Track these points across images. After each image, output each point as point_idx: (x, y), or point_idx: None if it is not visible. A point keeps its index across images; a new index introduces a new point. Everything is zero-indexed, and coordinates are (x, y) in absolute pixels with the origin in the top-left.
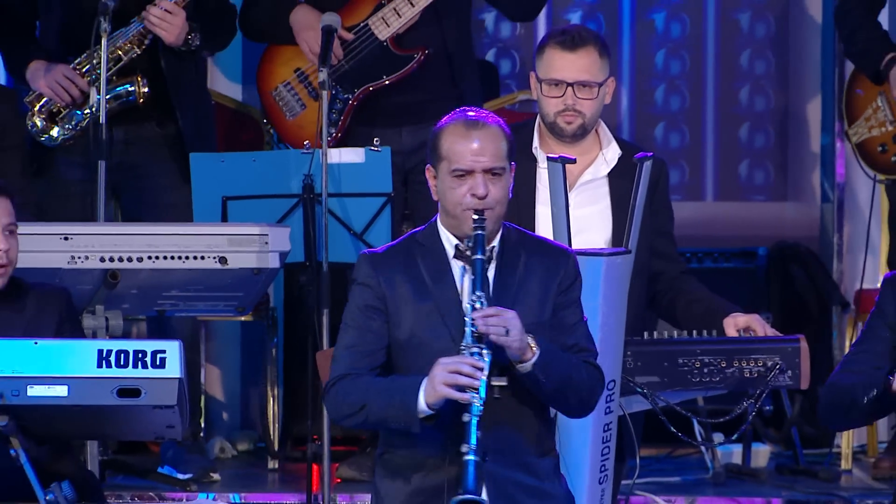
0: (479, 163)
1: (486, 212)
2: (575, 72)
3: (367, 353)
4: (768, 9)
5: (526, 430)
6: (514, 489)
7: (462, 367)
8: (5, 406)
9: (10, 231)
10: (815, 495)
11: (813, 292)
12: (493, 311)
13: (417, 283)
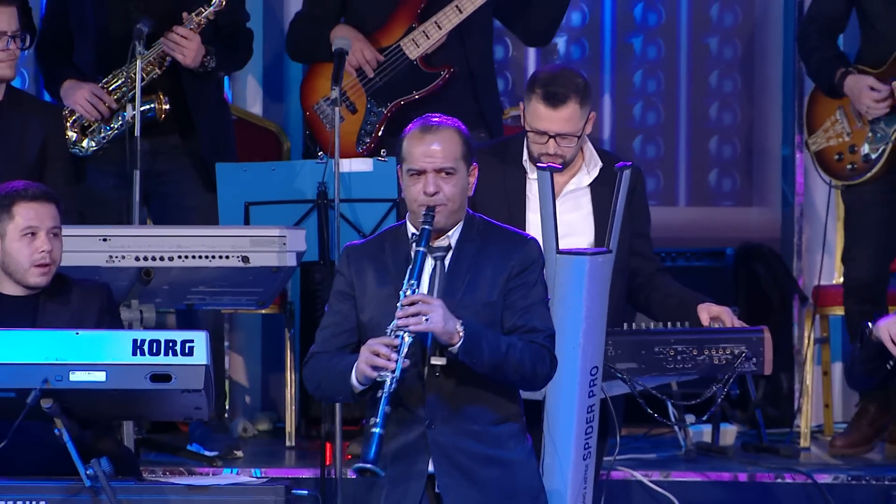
0: (430, 163)
1: (437, 208)
2: (557, 125)
3: (338, 333)
4: (735, 34)
5: (478, 400)
6: (461, 457)
7: (379, 348)
8: (50, 390)
9: (55, 234)
10: (776, 470)
11: (775, 288)
12: (418, 298)
13: (382, 272)
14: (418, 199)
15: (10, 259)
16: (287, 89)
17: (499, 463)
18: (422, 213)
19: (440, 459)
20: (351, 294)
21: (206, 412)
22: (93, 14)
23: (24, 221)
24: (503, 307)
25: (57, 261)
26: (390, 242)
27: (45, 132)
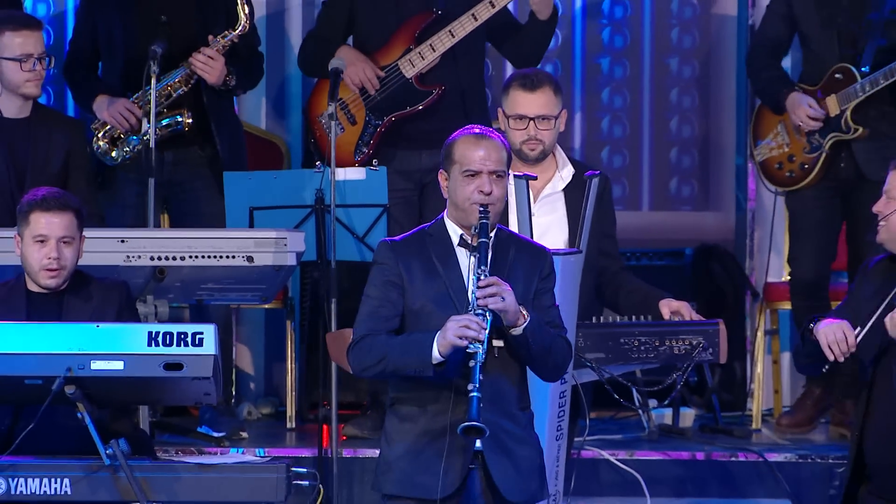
0: (485, 165)
1: (489, 206)
2: (535, 108)
3: (385, 318)
4: (693, 55)
5: (512, 387)
6: (501, 433)
7: (470, 322)
8: (73, 377)
9: (65, 242)
10: (730, 449)
11: (729, 285)
12: (493, 280)
13: (428, 265)
14: (472, 198)
15: (25, 261)
16: (288, 106)
17: (527, 443)
18: (477, 209)
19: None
20: (399, 283)
21: (214, 397)
22: (122, 36)
23: (36, 229)
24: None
25: (67, 266)
26: (432, 239)
27: (68, 145)
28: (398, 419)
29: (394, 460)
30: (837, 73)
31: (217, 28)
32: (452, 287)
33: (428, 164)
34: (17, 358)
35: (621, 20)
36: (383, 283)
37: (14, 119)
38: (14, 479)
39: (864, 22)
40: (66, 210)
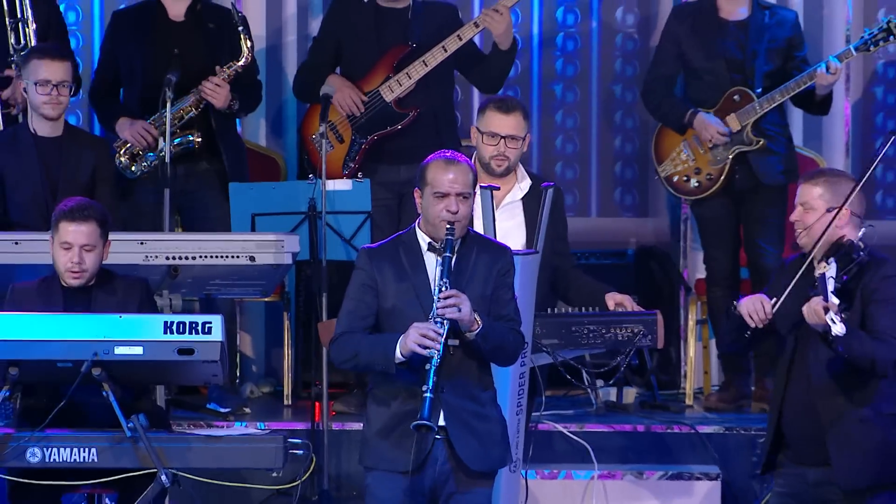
0: (454, 188)
1: (455, 223)
2: (507, 128)
3: (362, 317)
4: (634, 82)
5: (472, 372)
6: (464, 413)
7: (428, 331)
8: (99, 361)
9: (87, 250)
10: (666, 422)
11: (665, 280)
12: (452, 292)
13: (400, 269)
14: (441, 216)
15: (55, 262)
16: (284, 127)
17: (487, 419)
18: (444, 227)
19: (449, 415)
20: (374, 287)
21: (221, 378)
22: (140, 66)
23: (63, 237)
24: (490, 300)
25: (88, 269)
26: (404, 247)
27: (95, 160)
28: (375, 403)
29: (371, 438)
30: (735, 95)
31: (223, 59)
32: (419, 289)
33: (406, 177)
34: (50, 344)
35: (572, 52)
36: (360, 286)
37: (47, 137)
38: (48, 449)
39: (749, 52)
40: (89, 220)
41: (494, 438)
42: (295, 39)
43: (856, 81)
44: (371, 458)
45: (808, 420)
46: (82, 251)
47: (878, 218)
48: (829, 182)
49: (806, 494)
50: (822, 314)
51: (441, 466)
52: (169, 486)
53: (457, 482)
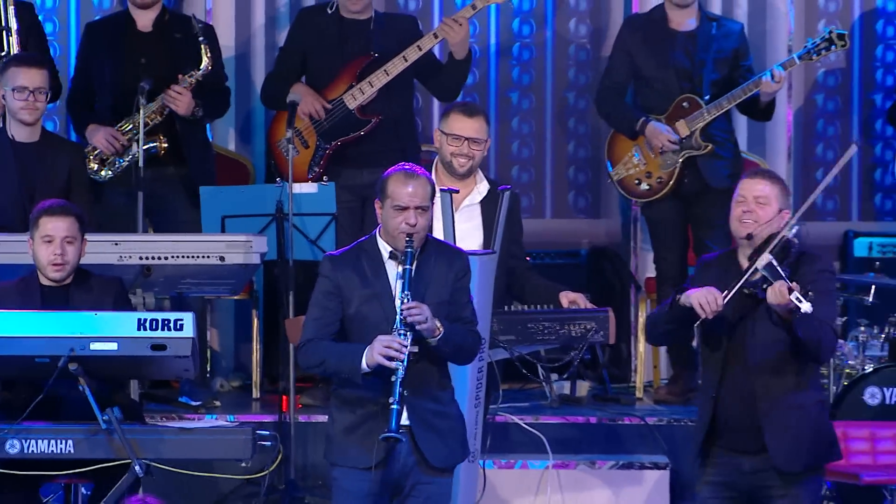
0: (412, 201)
1: (413, 235)
2: (470, 131)
3: (326, 324)
4: (587, 90)
5: (433, 374)
6: (426, 413)
7: (393, 344)
8: (76, 356)
9: (69, 242)
10: (618, 414)
11: (617, 279)
12: (415, 304)
13: (362, 276)
14: (400, 228)
15: (36, 258)
16: (253, 132)
17: (447, 417)
18: (404, 238)
19: (413, 415)
20: (338, 294)
21: (192, 373)
22: (110, 75)
23: (44, 231)
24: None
25: (71, 261)
26: (365, 255)
27: (71, 165)
28: (339, 403)
29: (335, 436)
30: (684, 102)
31: (187, 68)
32: (381, 296)
33: (368, 180)
34: (28, 340)
35: (528, 61)
36: (324, 293)
37: (25, 143)
38: (27, 441)
39: (697, 61)
40: (69, 215)
41: (455, 435)
42: (263, 49)
43: (797, 89)
44: (336, 456)
45: (747, 408)
46: (64, 243)
47: (819, 219)
48: (781, 184)
49: (740, 483)
50: (786, 294)
51: (405, 459)
52: (142, 476)
53: (420, 474)
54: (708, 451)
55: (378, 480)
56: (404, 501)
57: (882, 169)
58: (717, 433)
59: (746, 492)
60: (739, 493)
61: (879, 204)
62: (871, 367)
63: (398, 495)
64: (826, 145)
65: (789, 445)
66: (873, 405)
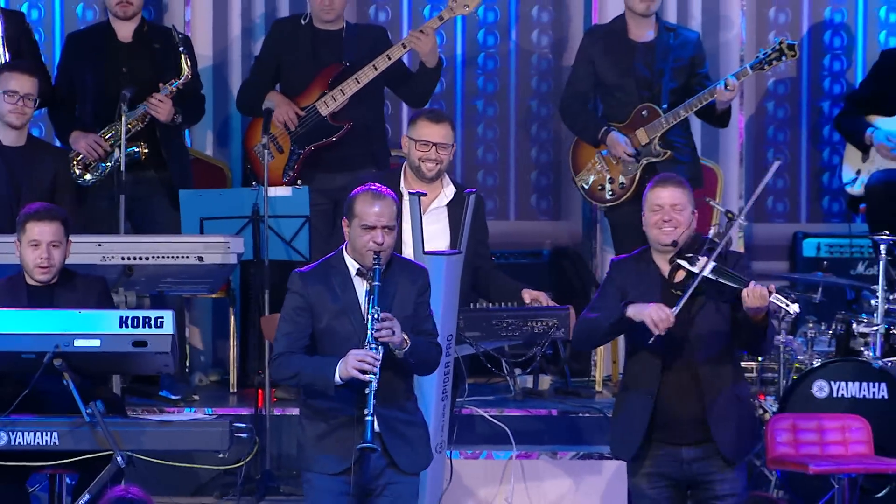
0: (379, 221)
1: (381, 253)
2: (437, 136)
3: (298, 338)
4: (549, 98)
5: (399, 385)
6: (395, 423)
7: (366, 358)
8: (60, 352)
9: (54, 246)
10: (578, 407)
11: (577, 278)
12: (386, 317)
13: (331, 291)
14: (368, 246)
15: (22, 260)
16: (230, 137)
17: (415, 424)
18: (371, 256)
19: (383, 425)
20: (308, 309)
21: (172, 368)
22: (92, 83)
23: (31, 235)
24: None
25: (56, 264)
26: (333, 271)
27: (56, 168)
28: (311, 412)
29: (307, 444)
30: (644, 111)
31: (166, 77)
32: (350, 310)
33: (340, 184)
34: (15, 337)
35: (492, 70)
36: (294, 309)
37: (12, 147)
38: (13, 433)
39: (656, 71)
40: (55, 220)
41: (422, 441)
42: (239, 58)
43: (749, 97)
44: (309, 463)
45: (690, 402)
46: (50, 247)
47: (768, 221)
48: (688, 187)
49: (678, 472)
50: (767, 297)
51: (375, 463)
52: (124, 466)
53: (390, 475)
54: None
55: (350, 483)
56: (375, 501)
57: (830, 173)
58: (655, 428)
59: (684, 480)
60: (677, 481)
61: (827, 206)
62: (819, 361)
63: (369, 496)
64: (776, 150)
65: (733, 435)
66: (821, 398)
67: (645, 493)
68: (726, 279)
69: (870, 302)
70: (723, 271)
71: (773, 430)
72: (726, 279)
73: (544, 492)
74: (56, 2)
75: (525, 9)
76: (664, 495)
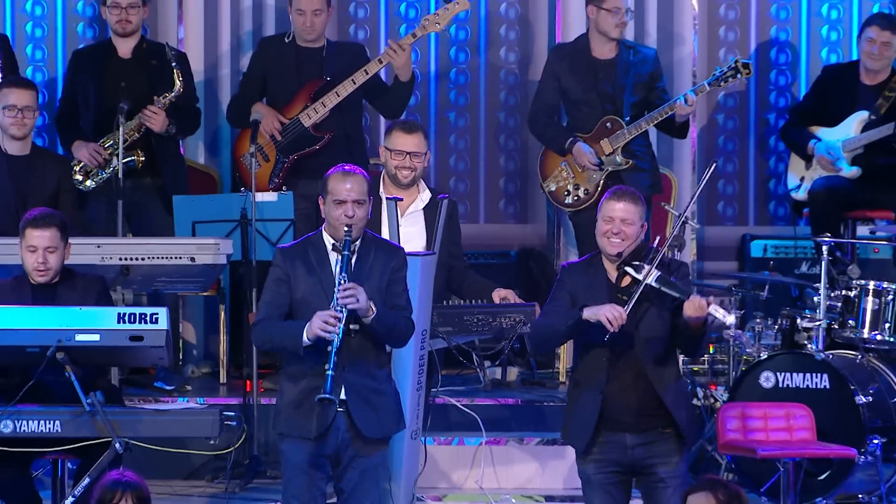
0: (350, 196)
1: (352, 226)
2: (411, 146)
3: (277, 306)
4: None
5: (370, 353)
6: (363, 389)
7: (328, 318)
8: (62, 346)
9: (50, 251)
10: (543, 397)
11: (543, 277)
12: (350, 285)
13: (308, 266)
14: (340, 219)
15: (23, 263)
16: (220, 147)
17: (382, 393)
18: (344, 228)
19: (350, 391)
20: (287, 281)
21: (166, 360)
22: (94, 96)
23: (29, 241)
24: (386, 292)
25: (52, 267)
26: (312, 246)
27: (58, 175)
28: (287, 379)
29: (283, 409)
30: (608, 123)
31: (162, 91)
32: (324, 282)
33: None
34: (20, 332)
35: (464, 85)
36: (275, 280)
37: (17, 156)
38: (19, 421)
39: (618, 85)
40: (51, 226)
41: (389, 409)
42: (229, 73)
43: (701, 110)
44: (283, 426)
45: (636, 394)
46: (46, 252)
47: (719, 224)
48: (641, 201)
49: (623, 457)
50: (705, 308)
51: (343, 435)
52: (122, 452)
53: (356, 448)
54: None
55: (318, 452)
56: (343, 474)
57: (776, 180)
58: (603, 420)
59: (628, 464)
60: (622, 466)
61: (773, 210)
62: (766, 354)
63: (337, 467)
64: (726, 159)
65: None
66: (768, 388)
67: (591, 479)
68: (669, 288)
69: (812, 299)
70: (666, 280)
71: (724, 417)
72: (669, 288)
73: (512, 474)
74: (59, 21)
75: (494, 28)
76: (609, 480)
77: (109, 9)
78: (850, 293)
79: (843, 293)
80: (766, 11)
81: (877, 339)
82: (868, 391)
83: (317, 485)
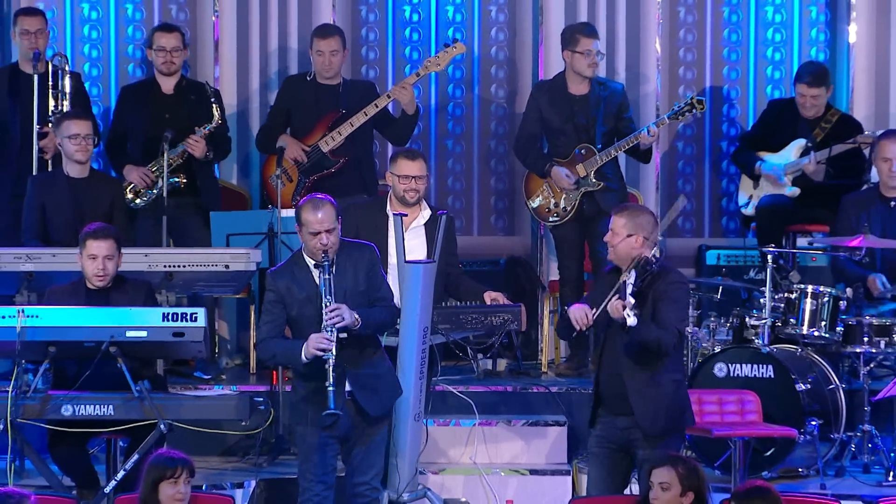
0: (322, 226)
1: (328, 250)
2: (415, 171)
3: (276, 326)
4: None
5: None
6: (364, 378)
7: (321, 340)
8: (114, 341)
9: (108, 259)
10: (528, 384)
11: (528, 281)
12: (335, 307)
13: (298, 285)
14: (317, 247)
15: (84, 270)
16: (251, 170)
17: (380, 377)
18: (321, 254)
19: (354, 382)
20: (280, 301)
21: (204, 353)
22: (141, 126)
23: (89, 250)
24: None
25: (110, 273)
26: (296, 266)
27: (112, 195)
28: (298, 378)
29: (297, 403)
30: (582, 150)
31: (200, 122)
32: (312, 298)
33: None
34: (78, 329)
35: (460, 116)
36: (271, 302)
37: (77, 178)
38: (78, 405)
39: (591, 117)
40: (108, 238)
41: (386, 385)
42: (258, 106)
43: (663, 138)
44: (298, 418)
45: (617, 384)
46: (105, 260)
47: (679, 236)
48: (631, 215)
49: (616, 436)
50: (620, 310)
51: (353, 420)
52: (166, 432)
53: (362, 428)
54: (596, 414)
55: (329, 436)
56: (352, 449)
57: (727, 198)
58: (601, 401)
59: (620, 443)
60: (616, 443)
61: (725, 224)
62: (719, 348)
63: (347, 443)
64: (685, 181)
65: (651, 413)
66: (721, 377)
67: (592, 451)
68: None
69: (759, 300)
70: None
71: None
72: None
73: (501, 451)
74: (112, 63)
75: (485, 67)
76: (605, 454)
77: (156, 52)
78: (791, 296)
79: (786, 295)
80: (720, 54)
81: (814, 335)
82: (807, 380)
83: (328, 461)
